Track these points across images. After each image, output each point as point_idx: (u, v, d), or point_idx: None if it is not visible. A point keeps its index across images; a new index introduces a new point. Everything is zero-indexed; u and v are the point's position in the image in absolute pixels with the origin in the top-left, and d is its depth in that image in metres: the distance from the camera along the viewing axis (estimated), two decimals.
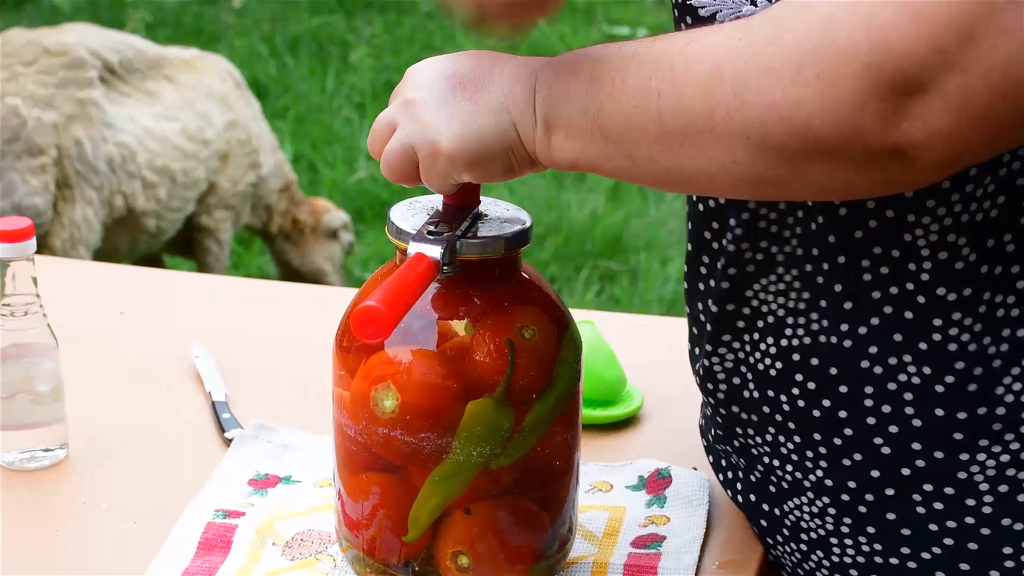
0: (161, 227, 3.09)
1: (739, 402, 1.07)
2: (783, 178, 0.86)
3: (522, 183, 4.10)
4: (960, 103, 0.79)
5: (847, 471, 1.01)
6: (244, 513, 1.17)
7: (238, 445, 1.26)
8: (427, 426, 1.01)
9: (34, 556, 1.14)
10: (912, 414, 0.97)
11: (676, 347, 1.43)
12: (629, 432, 1.30)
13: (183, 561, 1.11)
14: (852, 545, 1.02)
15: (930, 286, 0.95)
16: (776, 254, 1.02)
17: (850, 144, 0.82)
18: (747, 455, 1.09)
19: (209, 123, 3.14)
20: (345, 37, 5.05)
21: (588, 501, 1.18)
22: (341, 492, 1.08)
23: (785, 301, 1.02)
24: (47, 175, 2.81)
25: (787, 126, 0.83)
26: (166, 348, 1.43)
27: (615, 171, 0.94)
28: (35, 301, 1.22)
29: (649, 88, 0.89)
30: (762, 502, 1.09)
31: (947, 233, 0.94)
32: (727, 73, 0.84)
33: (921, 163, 0.82)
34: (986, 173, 0.93)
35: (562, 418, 1.05)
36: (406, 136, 0.99)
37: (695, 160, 0.88)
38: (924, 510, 0.98)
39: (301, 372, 1.34)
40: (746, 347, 1.05)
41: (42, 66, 2.89)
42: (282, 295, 1.62)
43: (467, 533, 1.03)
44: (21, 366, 1.23)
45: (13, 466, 1.24)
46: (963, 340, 0.95)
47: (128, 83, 3.05)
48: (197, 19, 5.18)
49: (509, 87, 0.96)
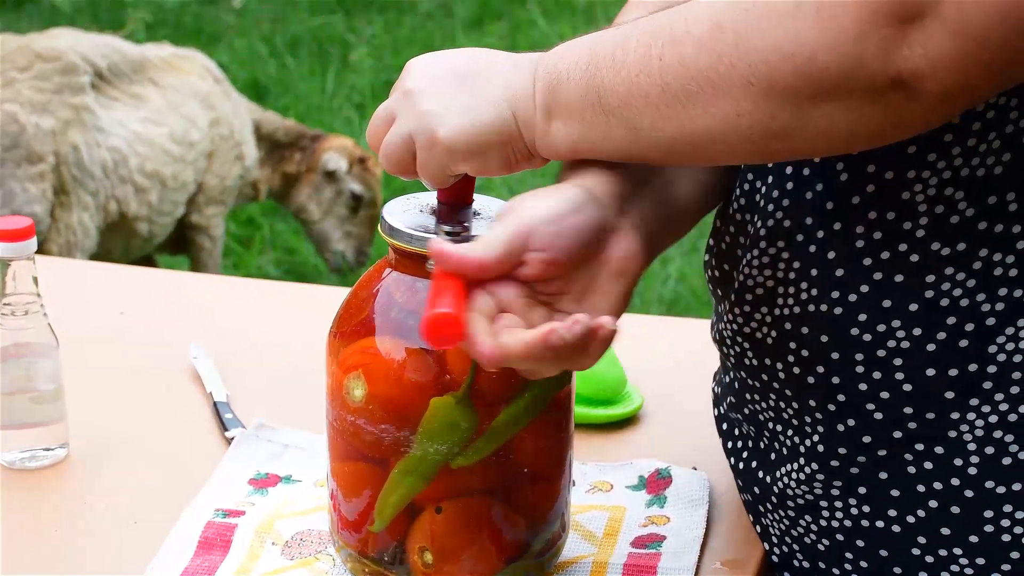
0: (153, 231, 3.10)
1: (744, 368, 1.08)
2: (789, 126, 0.87)
3: (521, 182, 4.10)
4: (956, 26, 0.80)
5: (841, 436, 1.01)
6: (244, 512, 1.17)
7: (238, 444, 1.26)
8: (388, 418, 1.01)
9: (33, 555, 1.14)
10: (902, 379, 0.98)
11: (676, 347, 1.43)
12: (629, 432, 1.30)
13: (183, 560, 1.11)
14: (841, 508, 1.03)
15: (925, 242, 0.95)
16: (760, 227, 1.02)
17: (853, 77, 0.83)
18: (755, 421, 1.10)
19: (194, 125, 3.14)
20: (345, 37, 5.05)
21: (588, 501, 1.19)
22: (335, 492, 1.08)
23: (773, 272, 1.02)
24: (45, 182, 2.81)
25: (791, 65, 0.84)
26: (165, 348, 1.43)
27: (617, 149, 0.94)
28: (36, 300, 1.22)
29: (650, 55, 0.89)
30: (759, 469, 1.10)
31: (945, 187, 0.94)
32: (727, 24, 0.86)
33: (925, 93, 0.83)
34: (991, 129, 0.93)
35: (542, 424, 1.04)
36: (405, 126, 0.99)
37: (699, 120, 0.88)
38: (914, 470, 0.99)
39: (300, 372, 1.34)
40: (739, 318, 1.06)
41: (37, 72, 2.89)
42: (281, 295, 1.62)
43: (432, 530, 1.03)
44: (21, 365, 1.23)
45: (14, 465, 1.25)
46: (955, 295, 0.96)
47: (116, 87, 3.05)
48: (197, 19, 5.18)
49: (509, 79, 0.97)
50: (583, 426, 1.29)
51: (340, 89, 4.66)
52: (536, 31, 5.00)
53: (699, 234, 3.82)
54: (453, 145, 0.97)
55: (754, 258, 1.03)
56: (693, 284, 3.63)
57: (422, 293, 1.01)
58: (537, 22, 5.08)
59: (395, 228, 1.02)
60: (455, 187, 1.03)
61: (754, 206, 1.04)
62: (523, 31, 5.03)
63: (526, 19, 5.13)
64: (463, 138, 0.96)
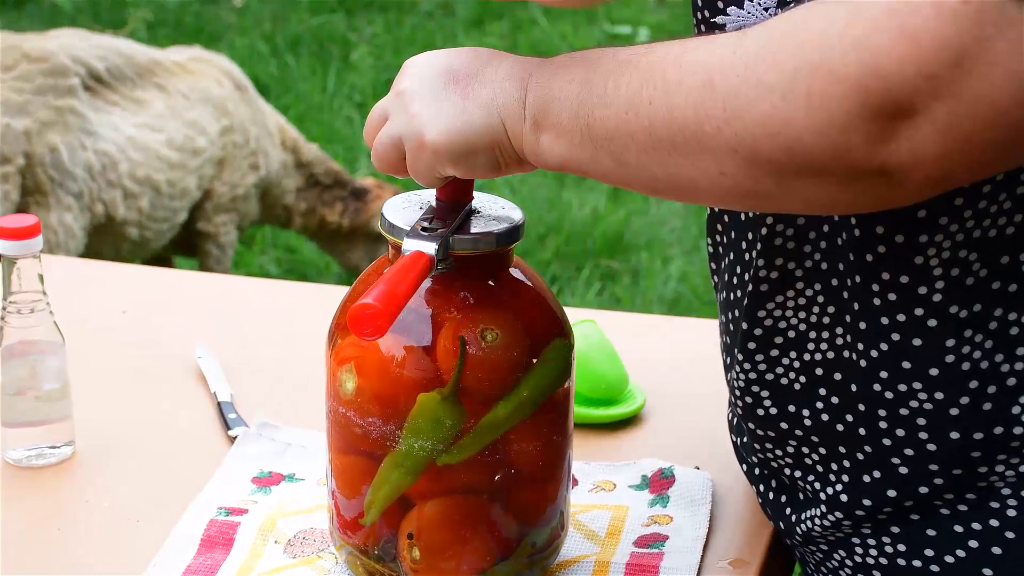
0: (145, 236, 3.07)
1: (754, 419, 1.07)
2: (770, 192, 0.86)
3: (523, 182, 4.10)
4: (947, 128, 0.79)
5: (866, 488, 1.00)
6: (247, 511, 1.17)
7: (242, 443, 1.27)
8: (375, 411, 1.02)
9: (36, 553, 1.14)
10: (926, 439, 0.97)
11: (678, 347, 1.43)
12: (631, 431, 1.30)
13: (185, 558, 1.12)
14: (875, 546, 1.02)
15: (942, 306, 0.95)
16: (795, 269, 1.01)
17: (837, 163, 0.82)
18: (768, 467, 1.09)
19: (200, 131, 3.11)
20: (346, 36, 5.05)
21: (591, 500, 1.19)
22: (334, 490, 1.08)
23: (807, 316, 1.01)
24: (9, 184, 2.79)
25: (776, 142, 0.83)
26: (169, 347, 1.43)
27: (604, 175, 0.94)
28: (41, 299, 1.22)
29: (641, 96, 0.88)
30: (786, 506, 1.09)
31: (959, 249, 0.94)
32: (719, 85, 0.84)
33: (907, 183, 0.82)
34: (1001, 190, 0.93)
35: (536, 424, 1.04)
36: (395, 127, 0.99)
37: (684, 170, 0.88)
38: (948, 511, 0.98)
39: (304, 371, 1.34)
40: (759, 365, 1.05)
41: (20, 72, 2.87)
42: (283, 293, 1.62)
43: (419, 526, 1.04)
44: (27, 363, 1.23)
45: (20, 463, 1.25)
46: (975, 358, 0.95)
47: (115, 91, 3.02)
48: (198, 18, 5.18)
49: (501, 84, 0.96)
50: (585, 426, 1.29)
51: (341, 88, 4.65)
52: (537, 30, 5.00)
53: (700, 233, 3.83)
54: (440, 148, 0.97)
55: (788, 300, 1.02)
56: (694, 284, 3.63)
57: (431, 293, 1.02)
58: (538, 21, 5.07)
59: (394, 225, 1.02)
60: (453, 186, 1.03)
61: (779, 250, 1.02)
62: (524, 31, 5.02)
63: (527, 18, 5.13)
64: (449, 142, 0.96)
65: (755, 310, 1.04)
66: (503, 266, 1.05)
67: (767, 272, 1.02)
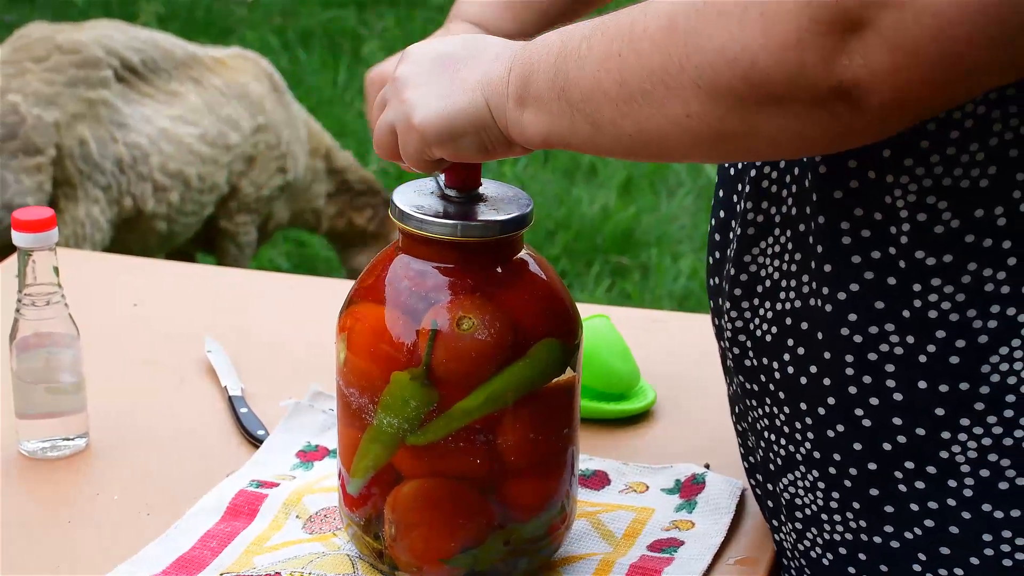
0: (173, 230, 3.06)
1: (743, 371, 1.08)
2: (737, 130, 0.87)
3: (533, 179, 4.11)
4: (895, 40, 0.80)
5: (831, 443, 1.01)
6: (278, 484, 1.19)
7: (292, 415, 1.28)
8: (354, 382, 1.04)
9: (46, 545, 1.14)
10: (893, 387, 0.97)
11: (689, 342, 1.44)
12: (642, 427, 1.31)
13: (207, 523, 1.14)
14: (840, 521, 1.02)
15: (909, 250, 0.95)
16: (775, 215, 1.02)
17: (794, 84, 0.83)
18: (755, 431, 1.10)
19: (234, 127, 3.10)
20: (357, 30, 5.06)
21: (618, 500, 1.19)
22: (340, 469, 1.09)
23: (779, 264, 1.02)
24: (42, 175, 2.79)
25: (734, 69, 0.84)
26: (179, 341, 1.43)
27: (582, 143, 0.94)
28: (56, 291, 1.22)
29: (611, 50, 0.90)
30: (766, 481, 1.10)
31: (926, 195, 0.94)
32: (681, 25, 0.86)
33: (867, 105, 0.82)
34: (971, 140, 0.92)
35: (530, 416, 1.03)
36: (390, 113, 1.01)
37: (654, 120, 0.89)
38: (906, 488, 0.98)
39: (315, 364, 1.35)
40: (745, 313, 1.06)
41: (52, 63, 2.87)
42: (293, 287, 1.62)
43: (394, 504, 1.05)
44: (42, 355, 1.23)
45: (35, 455, 1.25)
46: (944, 308, 0.95)
47: (150, 83, 3.02)
48: (209, 12, 5.19)
49: (488, 67, 0.98)
50: (596, 421, 1.30)
51: (352, 82, 4.66)
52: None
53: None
54: (426, 130, 0.98)
55: (768, 247, 1.03)
56: (704, 280, 3.63)
57: (426, 276, 1.03)
58: None
59: (404, 212, 1.03)
60: (460, 173, 1.04)
61: (764, 193, 1.03)
62: None
63: None
64: (434, 125, 0.98)
65: (741, 255, 1.05)
66: (509, 254, 1.06)
67: (753, 216, 1.04)
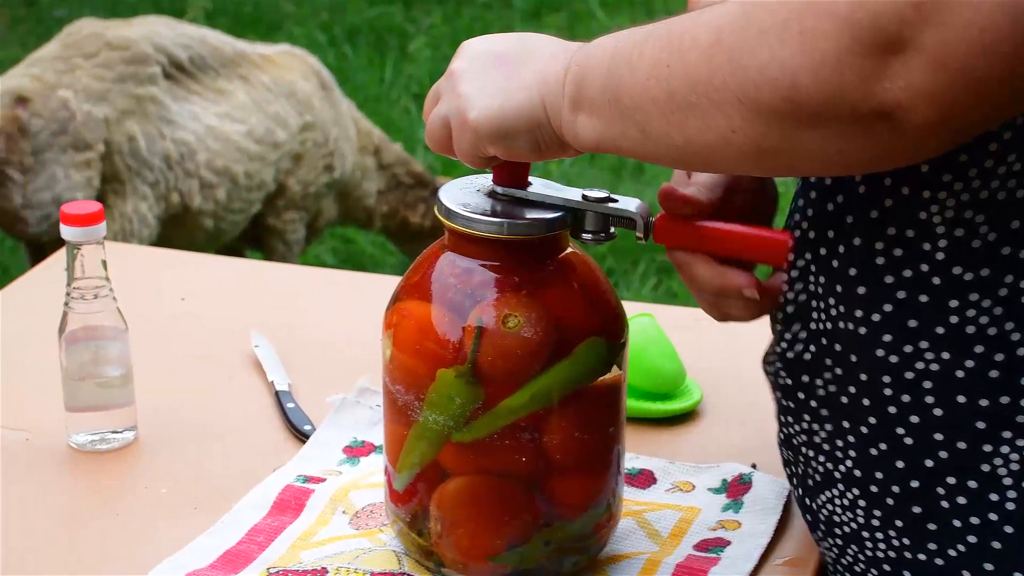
0: (220, 227, 3.07)
1: (778, 387, 1.07)
2: (778, 147, 0.87)
3: (580, 176, 4.10)
4: (938, 59, 0.79)
5: (874, 461, 1.00)
6: (325, 480, 1.19)
7: (339, 411, 1.28)
8: (400, 379, 1.04)
9: (94, 538, 1.15)
10: (933, 403, 0.96)
11: (734, 341, 1.42)
12: (689, 426, 1.30)
13: (254, 518, 1.15)
14: (883, 539, 1.02)
15: (945, 265, 0.94)
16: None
17: (834, 104, 0.82)
18: (790, 446, 1.09)
19: (282, 125, 3.11)
20: (404, 27, 5.06)
21: (665, 499, 1.18)
22: (387, 466, 1.09)
23: (804, 286, 1.02)
24: (91, 170, 2.81)
25: (775, 88, 0.84)
26: (226, 336, 1.44)
27: (632, 150, 0.95)
28: (105, 284, 1.23)
29: (660, 60, 0.90)
30: (805, 496, 1.09)
31: (964, 209, 0.93)
32: (726, 39, 0.86)
33: (908, 126, 0.82)
34: (1010, 150, 0.91)
35: (576, 415, 1.03)
36: (443, 106, 1.02)
37: (700, 133, 0.89)
38: (948, 504, 0.97)
39: (360, 360, 1.35)
40: (774, 333, 1.05)
41: (102, 60, 2.89)
42: (339, 283, 1.63)
43: (440, 501, 1.05)
44: (90, 349, 1.24)
45: (84, 448, 1.26)
46: (982, 323, 0.94)
47: (198, 80, 3.03)
48: (257, 8, 5.21)
49: (545, 65, 0.98)
50: (642, 420, 1.29)
51: (398, 79, 4.67)
52: (595, 23, 4.99)
53: None
54: (480, 127, 0.98)
55: (792, 268, 1.02)
56: None
57: (472, 273, 1.03)
58: (595, 14, 5.07)
59: (451, 210, 1.03)
60: (509, 171, 1.04)
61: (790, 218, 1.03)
62: (582, 22, 5.02)
63: (584, 10, 5.12)
64: (490, 121, 0.98)
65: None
66: (556, 252, 1.06)
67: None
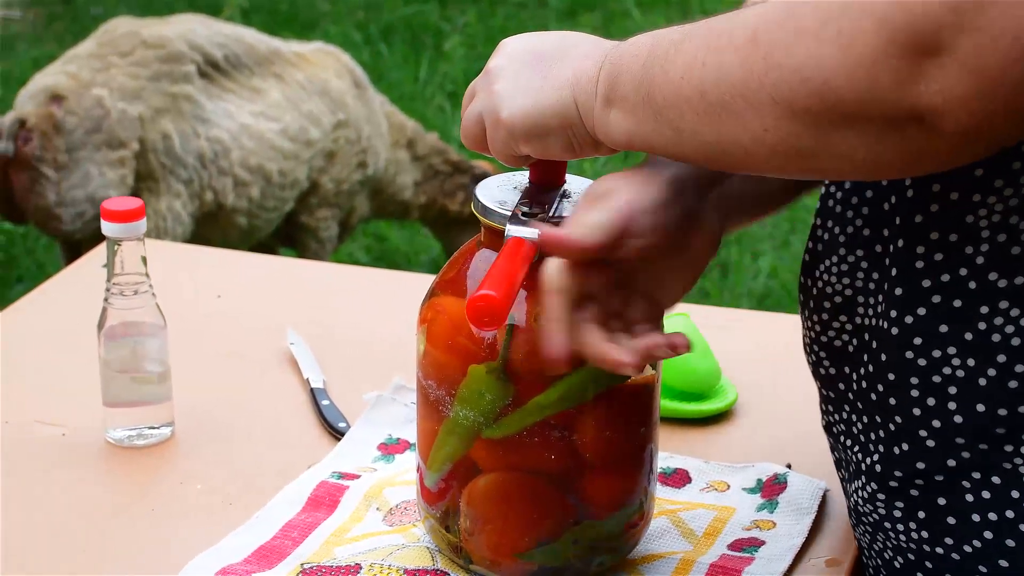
0: (254, 225, 3.08)
1: (820, 377, 1.08)
2: (812, 148, 0.86)
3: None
4: (974, 65, 0.79)
5: (897, 460, 1.00)
6: (359, 476, 1.19)
7: (374, 408, 1.29)
8: (433, 374, 1.04)
9: (128, 533, 1.16)
10: (955, 409, 0.96)
11: (769, 341, 1.42)
12: (723, 426, 1.30)
13: (288, 514, 1.15)
14: (903, 531, 1.02)
15: (983, 270, 0.94)
16: (839, 235, 1.02)
17: (867, 105, 0.82)
18: (831, 433, 1.09)
19: (315, 123, 3.11)
20: (439, 26, 5.07)
21: (699, 499, 1.18)
22: (419, 463, 1.09)
23: (851, 281, 1.01)
24: (125, 168, 2.82)
25: (809, 87, 0.83)
26: (262, 333, 1.45)
27: (665, 148, 0.94)
28: (144, 281, 1.24)
29: (695, 59, 0.90)
30: (843, 481, 1.09)
31: (1010, 215, 0.93)
32: (762, 38, 0.86)
33: (941, 130, 0.81)
34: None
35: (608, 413, 1.03)
36: (479, 104, 1.02)
37: (733, 131, 0.89)
38: (972, 498, 0.97)
39: (394, 358, 1.35)
40: (816, 326, 1.05)
41: (137, 58, 2.90)
42: (373, 281, 1.63)
43: (470, 497, 1.05)
44: (129, 344, 1.25)
45: (121, 443, 1.27)
46: (1007, 332, 0.93)
47: (232, 79, 3.04)
48: (292, 6, 5.23)
49: (579, 64, 0.98)
50: (676, 420, 1.29)
51: (433, 78, 4.67)
52: (630, 22, 4.98)
53: (791, 228, 3.80)
54: (513, 126, 0.99)
55: (833, 264, 1.03)
56: (784, 279, 3.60)
57: None
58: (631, 13, 5.06)
59: (487, 207, 1.04)
60: (545, 168, 1.04)
61: (829, 211, 1.03)
62: (617, 22, 5.01)
63: (620, 10, 5.12)
64: (523, 120, 0.98)
65: (812, 269, 1.05)
66: None
67: (821, 232, 1.04)
